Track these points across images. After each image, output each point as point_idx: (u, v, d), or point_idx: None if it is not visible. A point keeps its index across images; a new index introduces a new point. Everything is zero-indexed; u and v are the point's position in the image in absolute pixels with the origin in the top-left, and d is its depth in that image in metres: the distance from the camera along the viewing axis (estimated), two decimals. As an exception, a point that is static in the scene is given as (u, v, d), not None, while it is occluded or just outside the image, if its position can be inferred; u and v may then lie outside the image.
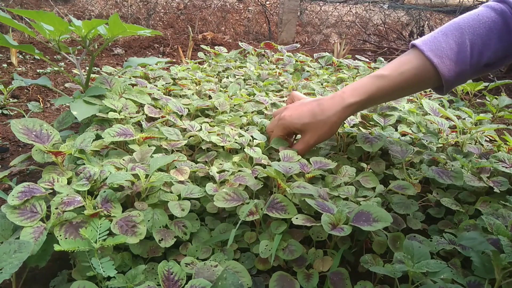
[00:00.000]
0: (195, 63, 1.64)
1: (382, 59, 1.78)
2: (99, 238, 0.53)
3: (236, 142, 0.84)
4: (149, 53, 2.22)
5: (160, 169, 0.68)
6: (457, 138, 0.93)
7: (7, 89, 1.35)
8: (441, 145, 0.94)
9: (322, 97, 0.79)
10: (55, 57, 1.96)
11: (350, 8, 3.57)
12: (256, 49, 1.82)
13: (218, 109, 1.03)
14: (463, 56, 0.71)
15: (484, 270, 0.55)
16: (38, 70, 1.74)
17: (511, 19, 0.71)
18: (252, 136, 0.87)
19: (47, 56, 1.49)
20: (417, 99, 1.22)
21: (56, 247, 0.49)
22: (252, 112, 1.05)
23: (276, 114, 0.83)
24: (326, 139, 0.79)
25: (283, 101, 1.14)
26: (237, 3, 3.55)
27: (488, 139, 1.03)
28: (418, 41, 0.73)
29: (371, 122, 1.00)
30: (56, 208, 0.58)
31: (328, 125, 0.74)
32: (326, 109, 0.74)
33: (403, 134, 0.95)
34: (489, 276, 0.54)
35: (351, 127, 0.94)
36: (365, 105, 0.76)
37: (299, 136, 0.86)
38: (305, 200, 0.64)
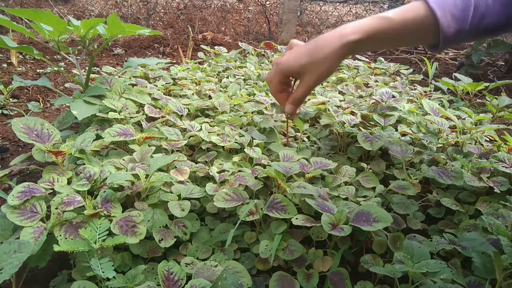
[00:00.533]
0: (195, 63, 1.64)
1: (382, 59, 1.78)
2: (98, 238, 0.53)
3: (236, 142, 0.84)
4: (149, 53, 2.22)
5: (160, 169, 0.68)
6: (457, 138, 0.93)
7: (7, 89, 1.35)
8: (441, 145, 0.94)
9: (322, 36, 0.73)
10: (55, 57, 1.96)
11: (350, 8, 3.57)
12: (256, 49, 1.82)
13: (218, 109, 1.03)
14: (466, 14, 0.69)
15: (485, 270, 0.55)
16: (38, 70, 1.74)
17: None
18: (252, 137, 0.87)
19: (47, 56, 1.48)
20: (417, 99, 1.22)
21: (56, 248, 0.49)
22: (252, 112, 1.05)
23: (275, 63, 0.77)
24: (326, 78, 0.75)
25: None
26: (237, 3, 3.55)
27: (488, 139, 1.03)
28: None
29: (371, 122, 1.00)
30: (56, 208, 0.58)
31: (327, 63, 0.70)
32: (324, 47, 0.70)
33: (403, 134, 0.95)
34: (490, 276, 0.54)
35: (352, 127, 0.94)
36: (364, 45, 0.72)
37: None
38: (305, 200, 0.64)
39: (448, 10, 0.69)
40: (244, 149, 0.81)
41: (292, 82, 0.80)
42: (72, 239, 0.54)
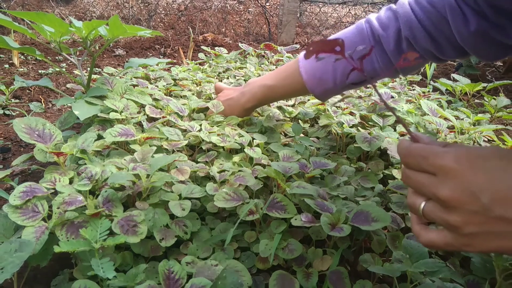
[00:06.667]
0: (196, 64, 1.65)
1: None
2: (99, 238, 0.53)
3: (236, 142, 0.85)
4: (150, 54, 2.23)
5: (161, 169, 0.69)
6: (455, 138, 0.94)
7: (9, 89, 1.36)
8: (440, 145, 0.94)
9: (233, 95, 0.99)
10: (56, 58, 1.96)
11: (349, 10, 3.58)
12: (256, 50, 1.83)
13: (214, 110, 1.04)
14: (327, 76, 0.82)
15: (485, 270, 0.55)
16: (39, 71, 1.74)
17: (368, 39, 0.78)
18: (252, 137, 0.88)
19: (48, 57, 1.49)
20: (416, 100, 1.23)
21: (56, 249, 0.49)
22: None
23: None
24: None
25: (285, 104, 1.14)
26: (237, 5, 3.55)
27: (486, 140, 1.03)
28: (301, 55, 0.88)
29: (370, 123, 1.01)
30: (58, 208, 0.58)
31: (239, 117, 0.97)
32: (234, 111, 0.98)
33: (402, 135, 0.96)
34: (490, 276, 0.54)
35: (350, 127, 0.94)
36: (259, 105, 0.99)
37: None
38: (304, 200, 0.65)
39: (312, 74, 0.84)
40: (244, 149, 0.81)
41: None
42: (73, 238, 0.55)
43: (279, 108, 1.10)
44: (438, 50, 0.72)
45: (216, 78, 1.42)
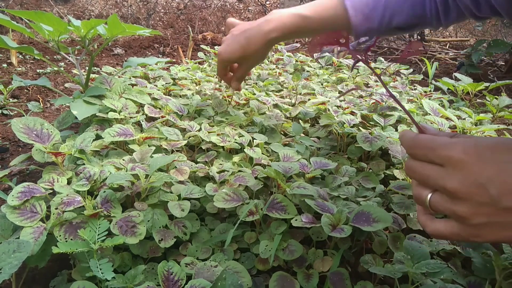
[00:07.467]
0: (195, 63, 1.64)
1: (382, 59, 1.78)
2: (98, 238, 0.53)
3: (236, 142, 0.84)
4: (149, 53, 2.22)
5: (160, 169, 0.68)
6: (457, 138, 0.93)
7: (7, 89, 1.35)
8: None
9: (251, 26, 0.85)
10: (55, 57, 1.96)
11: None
12: (256, 49, 1.82)
13: (216, 109, 1.03)
14: (375, 14, 0.78)
15: (485, 270, 0.55)
16: (38, 70, 1.74)
17: None
18: (252, 137, 0.87)
19: (46, 56, 1.48)
20: (417, 99, 1.22)
21: (55, 250, 0.49)
22: (252, 112, 1.05)
23: (218, 53, 0.90)
24: (259, 63, 0.95)
25: (284, 102, 1.14)
26: (237, 3, 3.55)
27: (488, 139, 1.03)
28: None
29: (371, 122, 1.00)
30: (56, 208, 0.58)
31: (256, 55, 0.85)
32: (252, 43, 0.83)
33: (403, 134, 0.95)
34: (490, 276, 0.54)
35: (351, 127, 0.94)
36: (284, 39, 0.85)
37: None
38: (305, 201, 0.64)
39: (360, 10, 0.79)
40: (244, 149, 0.81)
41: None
42: (72, 239, 0.54)
43: (276, 106, 1.09)
44: (476, 7, 0.72)
45: (216, 77, 1.42)
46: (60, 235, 0.54)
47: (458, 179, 0.36)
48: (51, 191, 0.62)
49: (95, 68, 1.81)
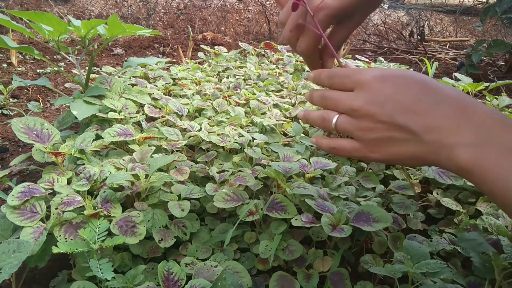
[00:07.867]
0: (195, 63, 1.64)
1: (382, 59, 1.78)
2: (98, 238, 0.53)
3: (236, 142, 0.84)
4: (149, 53, 2.22)
5: (160, 169, 0.68)
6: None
7: (7, 89, 1.35)
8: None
9: None
10: (54, 57, 1.96)
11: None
12: (256, 49, 1.82)
13: (217, 109, 1.03)
14: None
15: (485, 270, 0.55)
16: (38, 70, 1.74)
17: None
18: (252, 137, 0.87)
19: (46, 56, 1.48)
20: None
21: (55, 250, 0.49)
22: (252, 112, 1.05)
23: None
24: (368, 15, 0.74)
25: (284, 102, 1.14)
26: (237, 3, 3.55)
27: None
28: None
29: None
30: (56, 208, 0.58)
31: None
32: None
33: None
34: (490, 276, 0.54)
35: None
36: None
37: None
38: (305, 201, 0.64)
39: None
40: (244, 149, 0.81)
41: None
42: (72, 239, 0.54)
43: (276, 106, 1.09)
44: None
45: (216, 78, 1.42)
46: (60, 235, 0.54)
47: (363, 98, 0.41)
48: (51, 191, 0.62)
49: (95, 68, 1.81)
